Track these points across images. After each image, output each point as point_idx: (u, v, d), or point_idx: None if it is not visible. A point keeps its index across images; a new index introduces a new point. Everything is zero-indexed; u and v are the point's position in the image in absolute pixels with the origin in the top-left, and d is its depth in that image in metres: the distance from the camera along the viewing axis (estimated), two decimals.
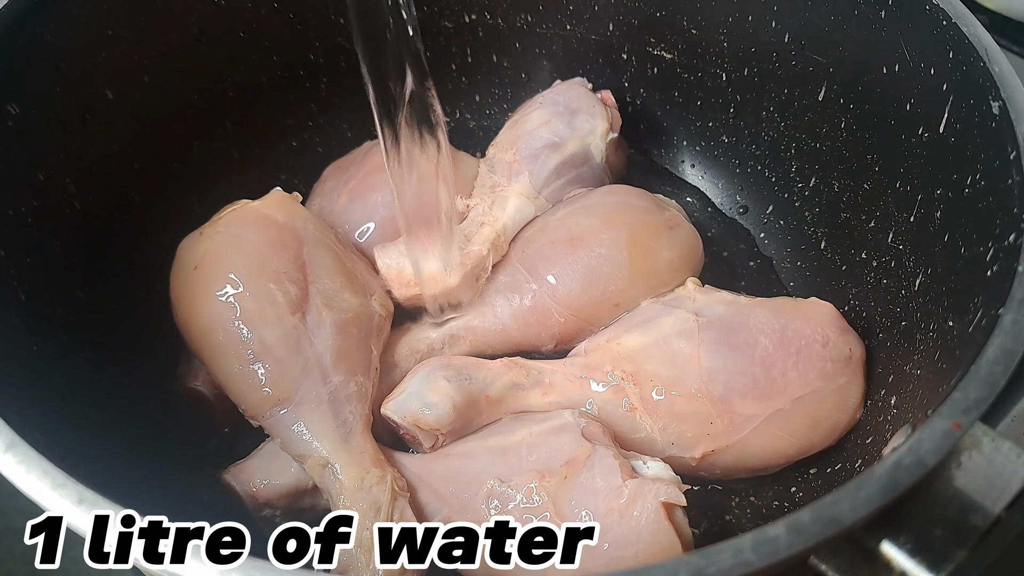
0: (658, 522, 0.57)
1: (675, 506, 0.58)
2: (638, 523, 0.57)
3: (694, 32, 0.83)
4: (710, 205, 0.90)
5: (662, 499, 0.58)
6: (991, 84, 0.56)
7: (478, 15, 0.89)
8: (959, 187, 0.60)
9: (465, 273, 0.74)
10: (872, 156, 0.72)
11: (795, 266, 0.83)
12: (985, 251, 0.55)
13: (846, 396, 0.65)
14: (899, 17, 0.65)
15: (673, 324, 0.68)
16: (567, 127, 0.84)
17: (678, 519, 0.58)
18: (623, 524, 0.58)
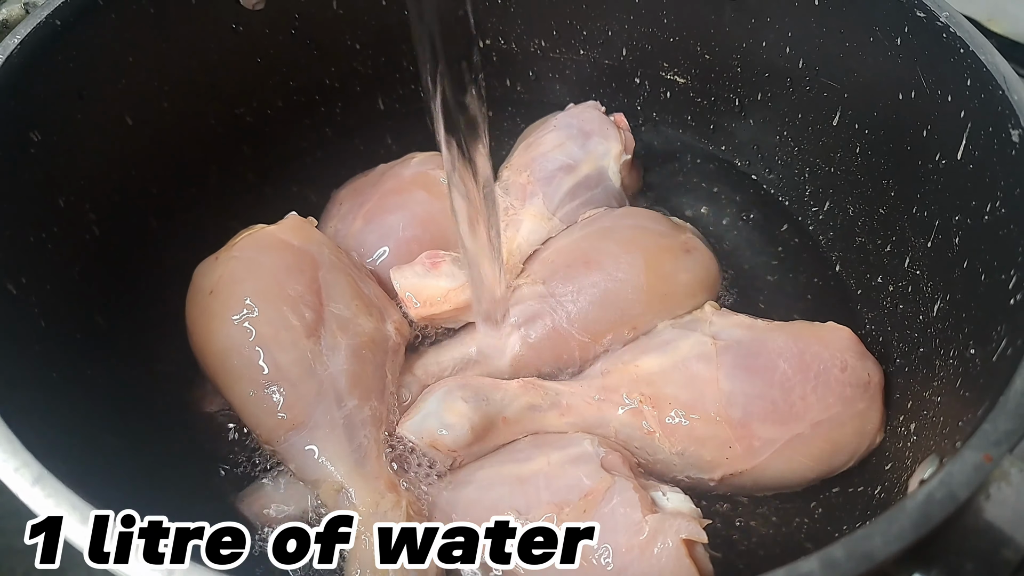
0: (679, 559, 0.57)
1: (696, 543, 0.58)
2: (659, 560, 0.57)
3: (707, 57, 0.83)
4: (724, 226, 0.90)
5: (683, 536, 0.57)
6: (1010, 112, 0.57)
7: (492, 40, 0.90)
8: (978, 214, 0.60)
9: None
10: (888, 181, 0.72)
11: (811, 286, 0.83)
12: (1007, 279, 0.55)
13: (865, 421, 0.65)
14: (915, 44, 0.65)
15: (691, 347, 0.68)
16: (581, 149, 0.85)
17: (699, 556, 0.58)
18: (643, 561, 0.57)
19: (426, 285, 0.74)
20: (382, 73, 0.90)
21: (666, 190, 0.93)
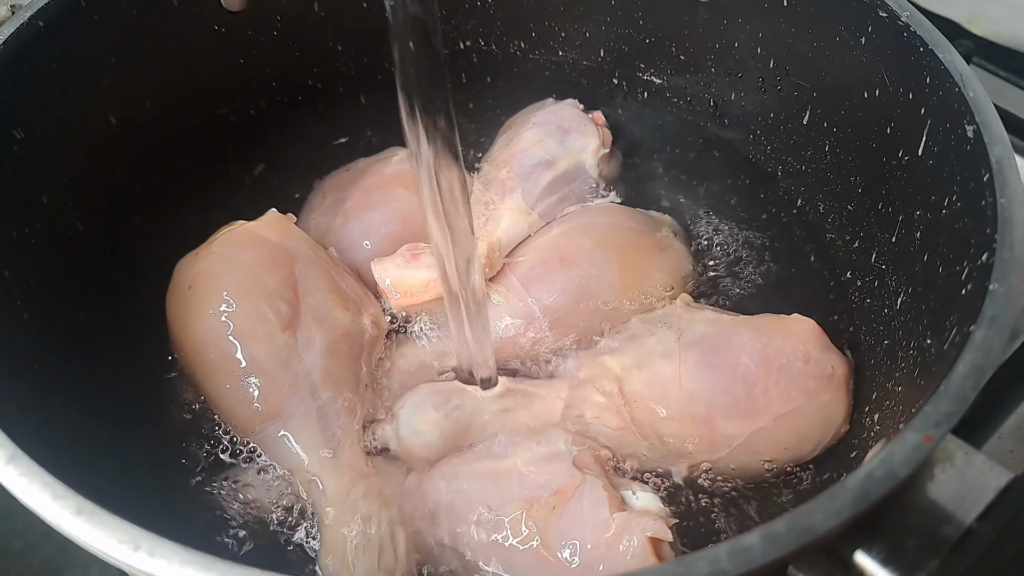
0: (644, 557, 0.58)
1: (662, 541, 0.59)
2: (624, 557, 0.59)
3: (682, 58, 0.85)
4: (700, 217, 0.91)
5: (649, 534, 0.59)
6: (966, 108, 0.58)
7: (472, 42, 0.91)
8: (937, 208, 0.62)
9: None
10: (855, 178, 0.74)
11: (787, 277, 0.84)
12: (960, 270, 0.56)
13: (829, 413, 0.66)
14: (878, 43, 0.67)
15: (656, 344, 0.69)
16: (560, 145, 0.86)
17: (665, 553, 0.59)
18: (609, 557, 0.59)
19: (406, 276, 0.75)
20: (364, 73, 0.92)
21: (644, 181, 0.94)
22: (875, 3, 0.65)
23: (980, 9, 1.13)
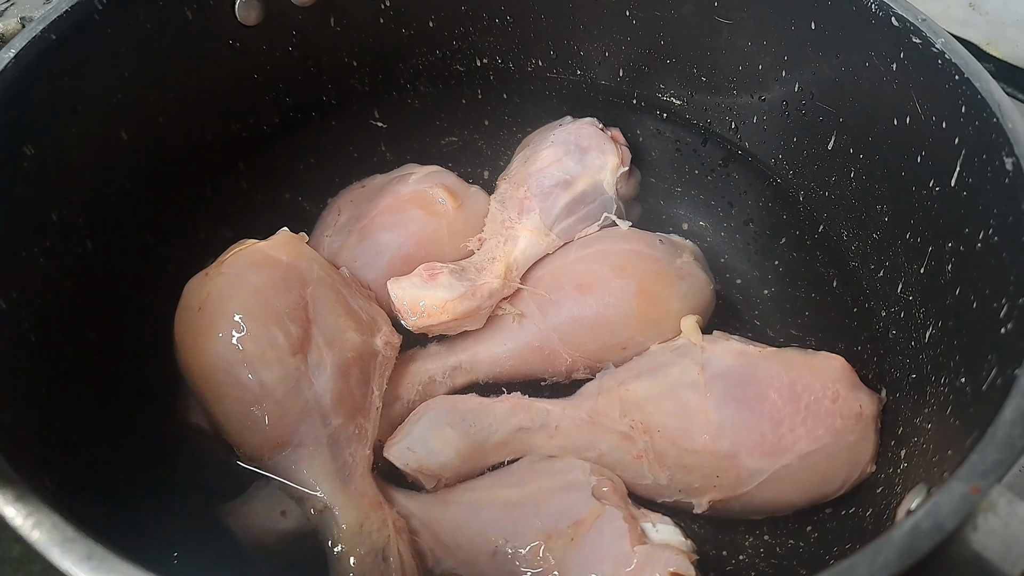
0: None
1: None
2: None
3: (703, 79, 0.83)
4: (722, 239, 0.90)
5: (671, 569, 0.57)
6: (1004, 140, 0.57)
7: (489, 59, 0.90)
8: (971, 242, 0.60)
9: (476, 305, 0.74)
10: (882, 207, 0.72)
11: (809, 302, 0.82)
12: (999, 308, 0.55)
13: (856, 453, 0.65)
14: (911, 70, 0.65)
15: (681, 374, 0.68)
16: (578, 164, 0.85)
17: None
18: None
19: (424, 296, 0.74)
20: (379, 90, 0.90)
21: (664, 201, 0.93)
22: (908, 29, 0.64)
23: (998, 31, 1.12)
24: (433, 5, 0.86)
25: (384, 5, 0.84)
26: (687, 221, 0.89)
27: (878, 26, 0.66)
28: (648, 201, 0.90)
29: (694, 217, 0.89)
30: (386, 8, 0.84)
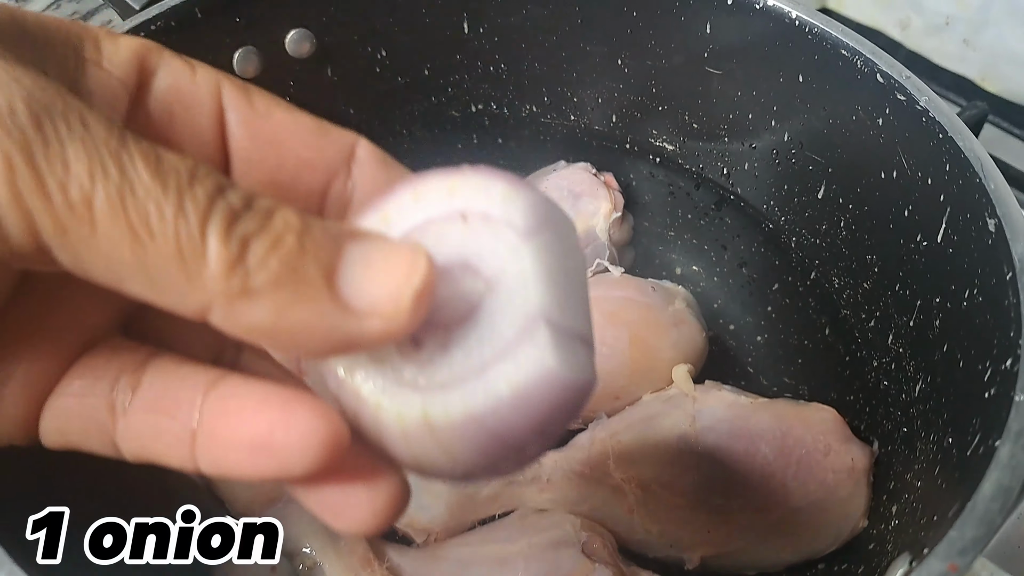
0: None
1: None
2: None
3: (695, 127, 0.84)
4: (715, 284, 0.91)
5: None
6: (987, 200, 0.57)
7: (484, 105, 0.91)
8: (957, 299, 0.60)
9: None
10: (871, 257, 0.72)
11: (801, 349, 0.83)
12: (983, 370, 0.55)
13: (848, 508, 0.65)
14: (896, 126, 0.66)
15: (673, 426, 0.68)
16: (571, 210, 0.86)
17: None
18: None
19: None
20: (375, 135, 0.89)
21: (657, 246, 0.93)
22: (892, 85, 0.64)
23: (992, 67, 1.12)
24: (428, 54, 0.86)
25: (380, 55, 0.85)
26: (680, 265, 0.90)
27: (864, 81, 0.66)
28: (641, 244, 0.91)
29: (687, 261, 0.90)
30: (382, 57, 0.85)
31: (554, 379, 0.29)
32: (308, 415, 0.29)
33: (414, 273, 0.28)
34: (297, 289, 0.27)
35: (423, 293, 0.28)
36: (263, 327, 0.27)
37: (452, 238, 0.31)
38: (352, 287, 0.28)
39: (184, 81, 0.34)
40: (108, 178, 0.26)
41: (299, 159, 0.35)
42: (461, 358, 0.30)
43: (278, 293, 0.27)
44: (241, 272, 0.27)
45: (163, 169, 0.27)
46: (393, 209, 0.32)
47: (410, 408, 0.30)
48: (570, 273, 0.32)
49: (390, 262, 0.29)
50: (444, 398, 0.30)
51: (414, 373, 0.30)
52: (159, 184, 0.26)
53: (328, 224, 0.29)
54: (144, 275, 0.27)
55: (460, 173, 0.32)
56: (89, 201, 0.26)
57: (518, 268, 0.30)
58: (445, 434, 0.30)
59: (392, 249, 0.29)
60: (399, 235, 0.32)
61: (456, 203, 0.31)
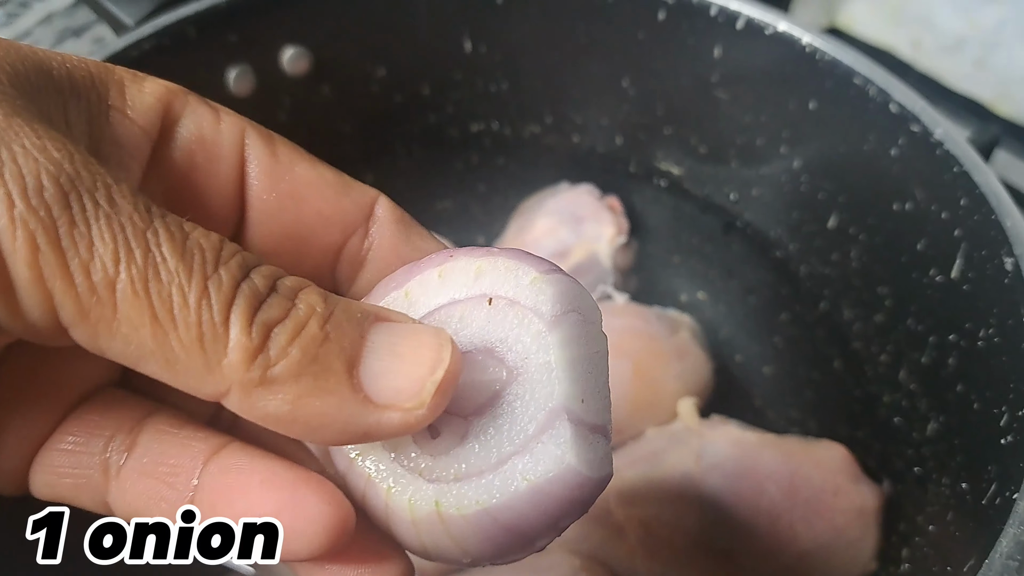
0: None
1: None
2: None
3: (701, 151, 0.82)
4: (721, 313, 0.89)
5: None
6: (1003, 238, 0.55)
7: (485, 124, 0.89)
8: (972, 338, 0.58)
9: None
10: (884, 289, 0.70)
11: (810, 382, 0.81)
12: (999, 414, 0.53)
13: (858, 551, 0.63)
14: (909, 157, 0.64)
15: (677, 463, 0.66)
16: (573, 234, 0.84)
17: None
18: None
19: None
20: (372, 154, 0.89)
21: (662, 272, 0.91)
22: (907, 116, 0.62)
23: (1005, 89, 1.10)
24: (427, 72, 0.85)
25: (379, 73, 0.83)
26: (685, 292, 0.87)
27: (876, 111, 0.64)
28: (646, 270, 0.89)
29: (692, 288, 0.88)
30: (380, 75, 0.84)
31: (573, 476, 0.28)
32: (317, 499, 0.28)
33: (439, 366, 0.27)
34: (317, 380, 0.26)
35: (446, 385, 0.27)
36: (279, 416, 0.26)
37: (476, 322, 0.30)
38: (374, 378, 0.27)
39: (208, 129, 0.33)
40: (132, 261, 0.25)
41: (318, 214, 0.34)
42: (478, 450, 0.29)
43: (298, 384, 0.26)
44: (262, 362, 0.26)
45: (189, 249, 0.26)
46: (417, 286, 0.31)
47: (422, 499, 0.29)
48: (593, 361, 0.31)
49: (415, 352, 0.28)
50: (458, 491, 0.29)
51: (429, 463, 0.30)
52: (185, 267, 0.26)
53: (352, 307, 0.28)
54: (163, 359, 0.26)
55: (489, 254, 0.31)
56: (112, 285, 0.25)
57: (543, 359, 0.29)
58: (457, 526, 0.29)
59: (418, 338, 0.28)
60: (422, 315, 0.31)
61: (483, 286, 0.31)
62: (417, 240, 0.36)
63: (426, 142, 0.90)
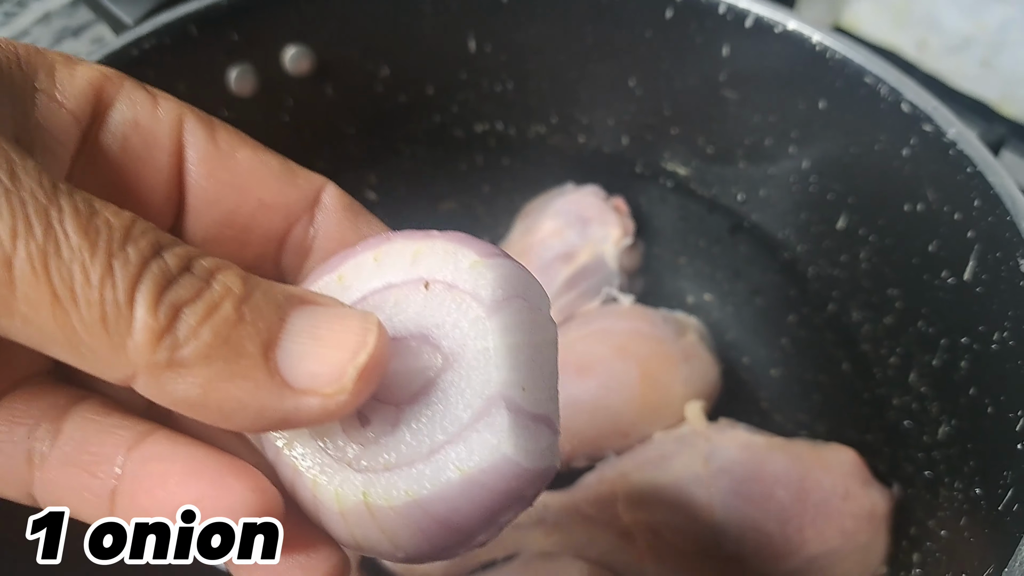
0: None
1: None
2: None
3: (708, 151, 0.81)
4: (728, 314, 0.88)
5: None
6: (1019, 240, 0.54)
7: (489, 125, 0.88)
8: (986, 341, 0.58)
9: None
10: (894, 291, 0.70)
11: (818, 384, 0.80)
12: (1015, 419, 0.52)
13: (868, 555, 0.62)
14: (922, 157, 0.63)
15: (685, 467, 0.65)
16: (579, 236, 0.83)
17: None
18: None
19: None
20: (376, 155, 0.89)
21: (668, 273, 0.91)
22: (919, 116, 0.62)
23: (1011, 89, 1.10)
24: (432, 72, 0.84)
25: (383, 73, 0.82)
26: (692, 294, 0.87)
27: (888, 111, 0.63)
28: (652, 272, 0.88)
29: (699, 290, 0.87)
30: (384, 75, 0.83)
31: (510, 467, 0.27)
32: (240, 487, 0.27)
33: (362, 349, 0.26)
34: (230, 363, 0.25)
35: (370, 371, 0.26)
36: (191, 400, 0.25)
37: (412, 307, 0.29)
38: (292, 362, 0.26)
39: (144, 114, 0.32)
40: (32, 237, 0.24)
41: (260, 202, 0.33)
42: (409, 439, 0.28)
43: (209, 367, 0.25)
44: (169, 343, 0.24)
45: (95, 226, 0.25)
46: (351, 270, 0.30)
47: (349, 489, 0.28)
48: (539, 350, 0.29)
49: (336, 336, 0.26)
50: (387, 481, 0.27)
51: (357, 452, 0.28)
52: (88, 244, 0.24)
53: (275, 289, 0.27)
54: (66, 341, 0.25)
55: (427, 237, 0.30)
56: (9, 262, 0.24)
57: (482, 345, 0.28)
58: (386, 518, 0.27)
59: (341, 321, 0.27)
60: (355, 300, 0.29)
61: (420, 269, 0.29)
62: (365, 228, 0.35)
63: (430, 143, 0.90)
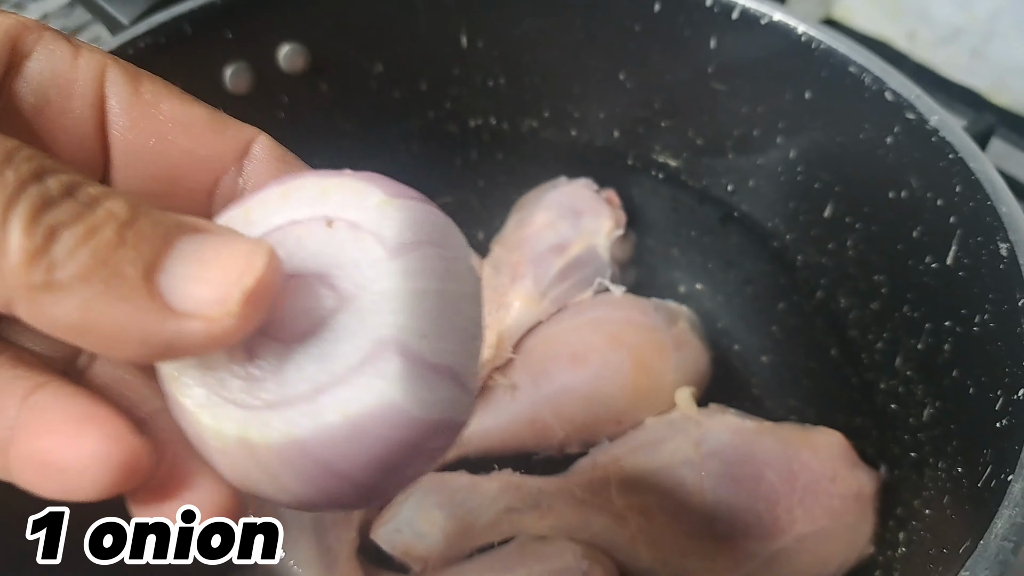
0: None
1: None
2: None
3: (699, 143, 0.82)
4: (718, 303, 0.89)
5: None
6: (999, 224, 0.55)
7: (483, 120, 0.89)
8: (968, 323, 0.59)
9: None
10: (880, 277, 0.71)
11: (807, 370, 0.82)
12: (994, 399, 0.53)
13: (855, 534, 0.63)
14: (905, 145, 0.64)
15: (676, 451, 0.67)
16: (572, 229, 0.84)
17: None
18: None
19: None
20: (371, 150, 0.90)
21: (659, 265, 0.92)
22: (902, 104, 0.63)
23: (1001, 79, 1.11)
24: (425, 68, 0.85)
25: (377, 70, 0.84)
26: (683, 283, 0.88)
27: (872, 100, 0.65)
28: (644, 262, 0.89)
29: (691, 280, 0.88)
30: (378, 72, 0.84)
31: (398, 414, 0.26)
32: (97, 435, 0.26)
33: (248, 272, 0.25)
34: (109, 285, 0.24)
35: (257, 296, 0.25)
36: (70, 324, 0.25)
37: (313, 245, 0.28)
38: (174, 284, 0.25)
39: (63, 65, 0.31)
40: None
41: (186, 153, 0.33)
42: (294, 377, 0.27)
43: (87, 287, 0.24)
44: (45, 264, 0.24)
45: None
46: (257, 206, 0.29)
47: (229, 425, 0.27)
48: (449, 300, 0.28)
49: (223, 259, 0.26)
50: (264, 419, 0.26)
51: (241, 388, 0.27)
52: None
53: (164, 217, 0.26)
54: None
55: (339, 175, 0.29)
56: None
57: (380, 287, 0.27)
58: (264, 457, 0.27)
59: (229, 245, 0.26)
60: (257, 235, 0.29)
61: (326, 207, 0.29)
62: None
63: (425, 138, 0.91)
